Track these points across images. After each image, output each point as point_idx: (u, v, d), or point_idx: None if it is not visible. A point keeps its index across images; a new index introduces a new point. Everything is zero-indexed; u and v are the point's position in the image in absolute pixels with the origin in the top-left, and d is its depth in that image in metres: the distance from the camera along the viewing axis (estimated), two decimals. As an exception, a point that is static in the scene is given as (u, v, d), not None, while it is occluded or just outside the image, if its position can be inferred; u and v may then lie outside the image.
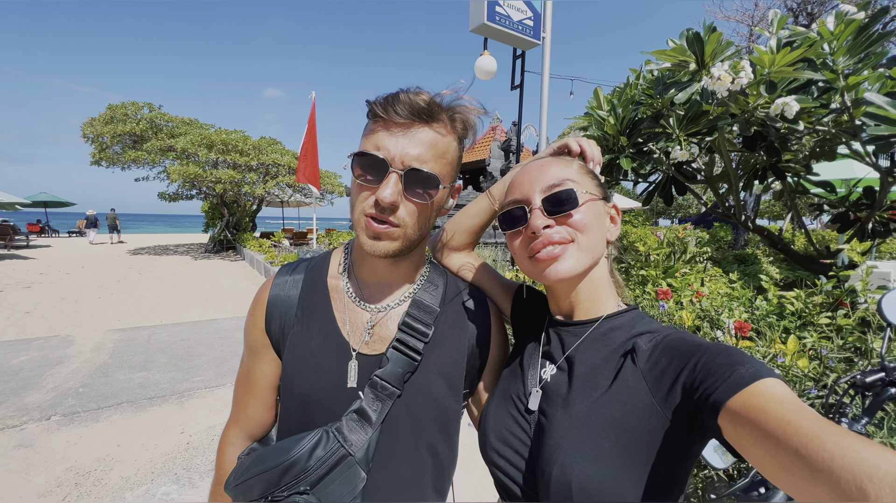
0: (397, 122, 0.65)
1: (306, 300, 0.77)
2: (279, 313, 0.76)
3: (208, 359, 4.67)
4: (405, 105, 0.64)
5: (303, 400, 0.72)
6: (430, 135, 0.66)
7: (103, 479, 2.56)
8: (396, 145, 0.64)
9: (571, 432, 0.60)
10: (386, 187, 0.64)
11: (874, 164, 2.76)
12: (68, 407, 3.47)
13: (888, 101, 2.13)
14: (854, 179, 5.27)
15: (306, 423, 0.70)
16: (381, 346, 0.74)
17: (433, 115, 0.66)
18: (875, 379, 1.05)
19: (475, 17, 5.68)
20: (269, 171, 15.82)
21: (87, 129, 14.41)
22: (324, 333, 0.74)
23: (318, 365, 0.72)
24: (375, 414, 0.69)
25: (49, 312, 6.62)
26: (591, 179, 0.70)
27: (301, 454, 0.64)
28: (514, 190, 0.71)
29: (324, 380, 0.71)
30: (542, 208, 0.66)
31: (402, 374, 0.71)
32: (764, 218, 17.62)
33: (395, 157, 0.64)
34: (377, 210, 0.65)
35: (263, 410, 0.80)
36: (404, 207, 0.66)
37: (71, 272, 10.76)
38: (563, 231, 0.65)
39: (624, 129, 3.04)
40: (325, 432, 0.67)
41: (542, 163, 0.71)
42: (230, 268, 12.22)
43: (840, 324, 2.19)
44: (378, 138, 0.65)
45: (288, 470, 0.63)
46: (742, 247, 9.37)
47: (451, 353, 0.77)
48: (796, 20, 11.33)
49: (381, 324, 0.75)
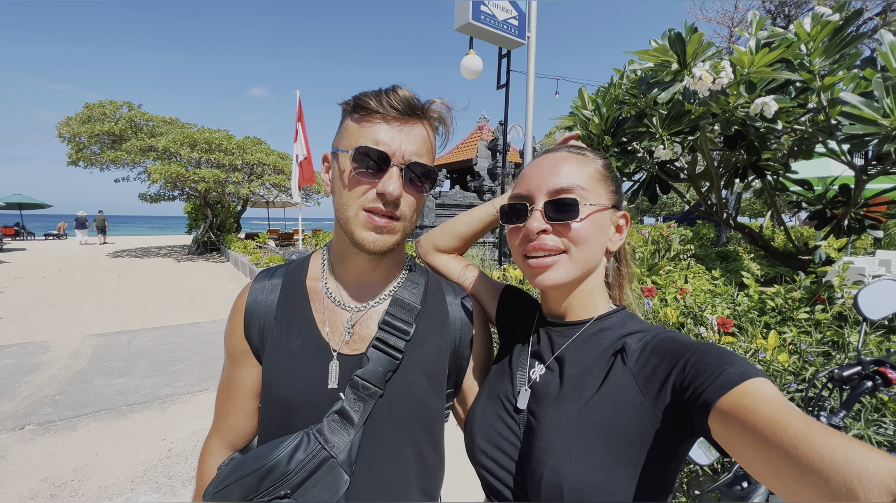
0: (394, 116, 0.66)
1: (285, 303, 0.76)
2: (258, 318, 0.75)
3: (191, 364, 4.57)
4: (403, 101, 0.65)
5: (283, 403, 0.70)
6: (423, 130, 0.69)
7: (80, 490, 2.48)
8: (396, 139, 0.66)
9: (561, 433, 0.60)
10: (391, 181, 0.65)
11: (849, 162, 2.84)
12: (43, 415, 3.36)
13: (862, 100, 2.18)
14: (830, 177, 5.42)
15: (287, 427, 0.69)
16: (361, 346, 0.73)
17: (424, 111, 0.68)
18: (852, 372, 1.08)
19: (460, 16, 5.67)
20: (253, 171, 15.58)
21: (63, 129, 13.97)
22: (303, 335, 0.73)
23: (298, 367, 0.71)
24: (357, 414, 0.67)
25: (24, 318, 6.40)
26: (606, 185, 0.68)
27: (281, 457, 0.62)
28: (522, 182, 0.70)
29: (304, 383, 0.70)
30: (542, 211, 0.65)
31: (383, 373, 0.70)
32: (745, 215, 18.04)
33: (395, 151, 0.65)
34: (382, 204, 0.66)
35: (244, 418, 0.78)
36: (405, 201, 0.68)
37: (47, 276, 10.43)
38: (558, 240, 0.65)
39: (608, 129, 3.06)
40: (305, 434, 0.66)
41: (556, 158, 0.68)
42: (214, 271, 12.00)
43: (818, 318, 2.24)
44: (375, 132, 0.65)
45: (267, 474, 0.61)
46: (724, 244, 9.57)
47: (432, 351, 0.76)
48: (774, 22, 11.62)
49: (360, 323, 0.74)
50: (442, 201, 11.78)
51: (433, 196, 11.63)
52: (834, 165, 6.13)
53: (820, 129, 2.68)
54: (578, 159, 0.68)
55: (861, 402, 1.69)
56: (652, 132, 2.80)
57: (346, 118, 0.70)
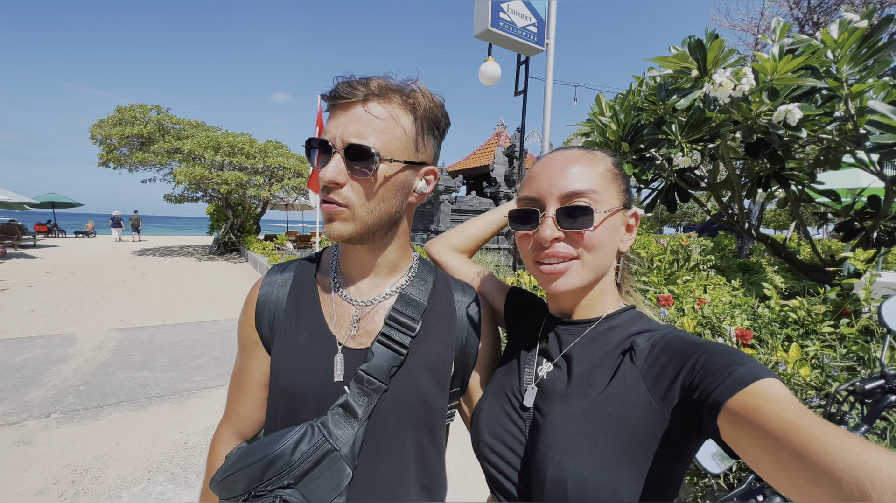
0: (339, 104, 0.66)
1: (295, 296, 0.77)
2: (269, 310, 0.76)
3: (208, 360, 4.68)
4: (344, 86, 0.64)
5: (289, 394, 0.72)
6: (372, 109, 0.65)
7: (100, 477, 2.56)
8: (336, 125, 0.65)
9: (567, 430, 0.59)
10: (328, 167, 0.64)
11: (879, 172, 2.74)
12: (68, 404, 3.49)
13: (892, 109, 2.12)
14: (859, 188, 5.24)
15: (292, 418, 0.70)
16: (366, 340, 0.73)
17: (374, 91, 0.65)
18: (874, 386, 1.04)
19: (479, 23, 5.72)
20: (274, 174, 15.92)
21: (95, 131, 14.58)
22: (311, 328, 0.74)
23: (305, 359, 0.72)
24: (361, 409, 0.68)
25: (53, 311, 6.67)
26: (617, 185, 0.67)
27: (285, 448, 0.63)
28: (531, 183, 0.67)
29: (310, 375, 0.71)
30: (555, 218, 0.63)
31: (387, 369, 0.70)
32: (769, 227, 17.52)
33: (335, 136, 0.64)
34: (324, 192, 0.67)
35: (253, 408, 0.79)
36: (350, 186, 0.66)
37: (76, 272, 10.85)
38: (571, 248, 0.64)
39: (626, 135, 3.04)
40: (310, 426, 0.66)
41: (567, 157, 0.66)
42: (233, 270, 12.27)
43: (843, 332, 2.16)
44: (327, 124, 0.67)
45: (271, 464, 0.62)
46: (747, 255, 9.30)
47: (438, 348, 0.76)
48: (802, 29, 11.34)
49: (367, 317, 0.75)
50: (457, 207, 11.82)
51: (449, 202, 11.68)
52: (863, 176, 5.92)
53: (848, 139, 2.61)
54: (589, 158, 0.66)
55: (886, 419, 1.62)
56: (671, 139, 2.76)
57: None
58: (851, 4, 10.29)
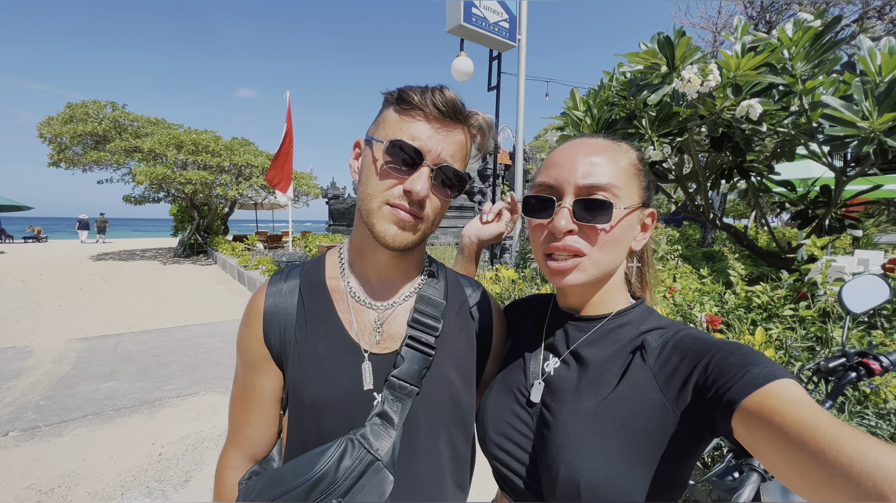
0: (435, 116, 0.64)
1: (306, 304, 0.73)
2: (278, 321, 0.72)
3: (180, 367, 4.50)
4: (448, 102, 0.63)
5: (315, 408, 0.68)
6: (461, 136, 0.67)
7: (68, 496, 2.43)
8: (433, 139, 0.64)
9: (578, 429, 0.59)
10: (419, 180, 0.63)
11: (829, 163, 2.93)
12: (28, 421, 3.28)
13: (843, 103, 2.26)
14: (812, 179, 5.57)
15: (319, 432, 0.67)
16: (392, 345, 0.71)
17: (466, 117, 0.67)
18: (837, 364, 1.12)
19: (452, 18, 5.71)
20: (241, 173, 15.39)
21: (44, 129, 13.64)
22: (330, 337, 0.70)
23: (329, 369, 0.69)
24: (397, 415, 0.67)
25: (3, 322, 6.23)
26: (639, 181, 0.65)
27: (329, 467, 0.60)
28: (550, 169, 0.65)
29: (336, 386, 0.68)
30: (571, 210, 0.61)
31: (419, 371, 0.69)
32: (729, 216, 18.40)
33: (430, 150, 0.64)
34: (407, 201, 0.64)
35: (265, 427, 0.74)
36: (430, 202, 0.66)
37: (27, 279, 10.16)
38: (584, 242, 0.61)
39: (599, 129, 3.11)
40: (349, 440, 0.64)
41: (590, 146, 0.63)
42: (201, 273, 11.82)
43: (802, 315, 2.31)
44: (413, 129, 0.64)
45: (316, 485, 0.59)
46: (710, 244, 9.74)
47: (461, 345, 0.76)
48: (756, 27, 11.90)
49: (389, 321, 0.73)
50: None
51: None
52: (815, 167, 6.30)
53: (802, 132, 2.77)
54: (613, 150, 0.64)
55: (844, 394, 1.74)
56: (642, 133, 2.85)
57: (386, 108, 0.68)
58: (800, 4, 10.88)
